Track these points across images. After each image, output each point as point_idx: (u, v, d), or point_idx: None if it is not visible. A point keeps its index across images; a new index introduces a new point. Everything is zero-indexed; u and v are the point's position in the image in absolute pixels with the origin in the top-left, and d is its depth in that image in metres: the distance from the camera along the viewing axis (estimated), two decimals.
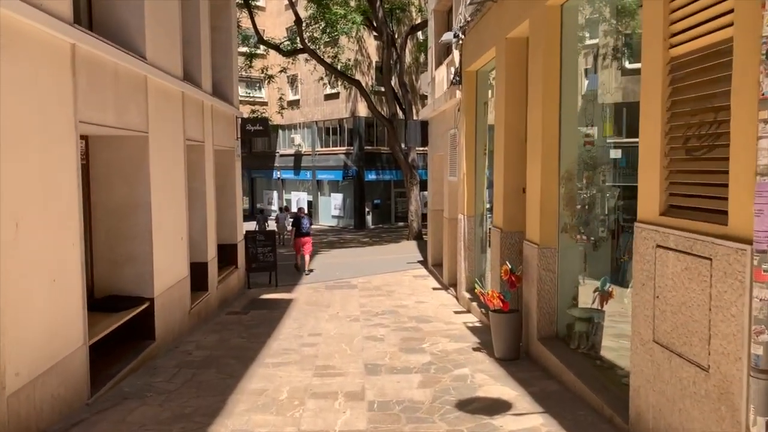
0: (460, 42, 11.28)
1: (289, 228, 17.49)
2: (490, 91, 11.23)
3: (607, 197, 6.83)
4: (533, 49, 7.37)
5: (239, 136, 13.19)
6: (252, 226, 31.83)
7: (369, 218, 33.79)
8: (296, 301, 12.20)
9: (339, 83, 32.52)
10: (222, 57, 12.40)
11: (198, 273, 10.27)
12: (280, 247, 18.79)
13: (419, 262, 17.63)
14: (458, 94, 11.51)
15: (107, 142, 7.65)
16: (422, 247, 21.07)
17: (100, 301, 7.56)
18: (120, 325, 7.11)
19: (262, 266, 13.89)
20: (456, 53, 11.65)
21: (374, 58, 33.10)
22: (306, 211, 18.53)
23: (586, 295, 7.12)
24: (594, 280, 7.00)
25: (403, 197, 35.23)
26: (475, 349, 7.99)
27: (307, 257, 16.18)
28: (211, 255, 10.86)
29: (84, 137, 7.44)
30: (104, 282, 7.80)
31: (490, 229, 11.22)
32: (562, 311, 7.12)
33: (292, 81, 37.23)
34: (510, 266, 7.56)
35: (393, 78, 23.52)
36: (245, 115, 36.36)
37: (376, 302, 11.89)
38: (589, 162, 6.94)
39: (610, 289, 6.78)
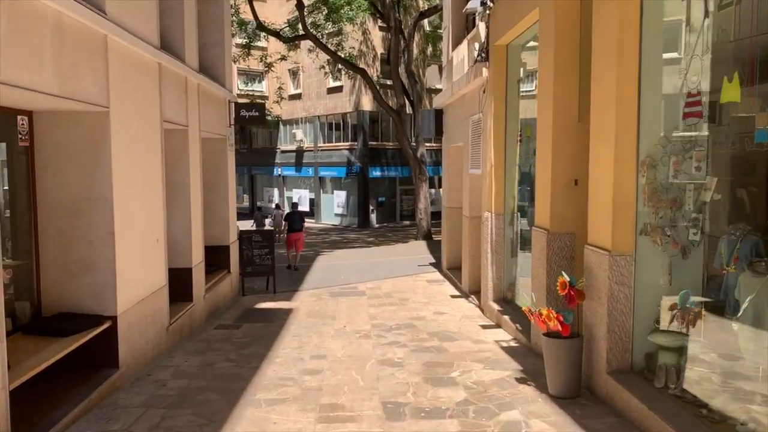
0: (488, 12, 9.59)
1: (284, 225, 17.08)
2: (522, 69, 9.57)
3: (703, 190, 5.12)
4: None
5: (232, 122, 11.52)
6: (250, 225, 30.26)
7: (373, 217, 32.12)
8: (296, 311, 10.53)
9: (343, 73, 30.82)
10: (213, 32, 10.72)
11: (180, 281, 8.60)
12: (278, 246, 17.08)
13: (431, 264, 15.95)
14: (484, 72, 9.82)
15: (56, 118, 5.98)
16: (433, 248, 19.39)
17: (45, 322, 5.90)
18: (73, 351, 5.46)
19: (258, 270, 12.23)
20: (482, 26, 9.96)
21: (379, 49, 31.43)
22: (300, 208, 19.29)
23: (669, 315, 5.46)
24: (672, 296, 5.34)
25: (409, 195, 33.57)
26: (519, 381, 6.32)
27: (298, 254, 15.93)
28: (197, 259, 9.19)
29: (23, 112, 5.76)
30: (53, 296, 6.13)
31: (524, 229, 9.57)
32: (640, 337, 5.44)
33: (294, 74, 35.56)
34: (568, 277, 5.88)
35: (400, 67, 21.81)
36: None
37: (388, 313, 10.22)
38: (690, 141, 5.22)
39: (696, 308, 5.13)
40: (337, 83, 32.45)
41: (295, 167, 35.91)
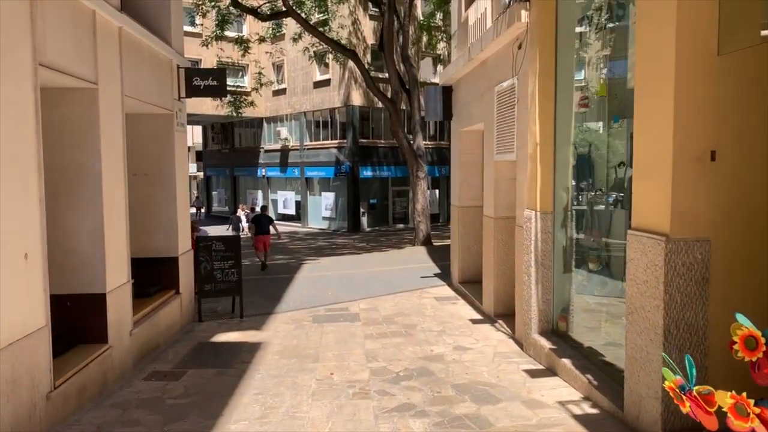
0: None
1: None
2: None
3: None
4: None
5: (183, 94, 8.56)
6: (226, 229, 27.17)
7: (364, 220, 29.18)
8: (267, 346, 7.58)
9: (330, 64, 27.90)
10: None
11: (84, 314, 5.65)
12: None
13: (436, 276, 13.05)
14: (523, 16, 6.96)
15: None
16: (435, 256, 16.48)
17: None
18: None
19: (220, 289, 9.25)
20: None
21: (370, 40, 28.54)
22: (267, 212, 18.14)
23: None
24: None
25: (402, 196, 30.69)
26: None
27: (266, 253, 15.58)
28: (116, 280, 6.21)
29: None
30: None
31: (583, 232, 6.71)
32: None
33: (278, 68, 32.59)
34: (753, 328, 2.99)
35: (395, 53, 18.94)
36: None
37: (391, 349, 7.31)
38: None
39: None
40: (325, 76, 29.52)
41: (280, 168, 32.89)
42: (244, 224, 25.09)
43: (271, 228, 15.81)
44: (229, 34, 26.76)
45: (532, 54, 6.84)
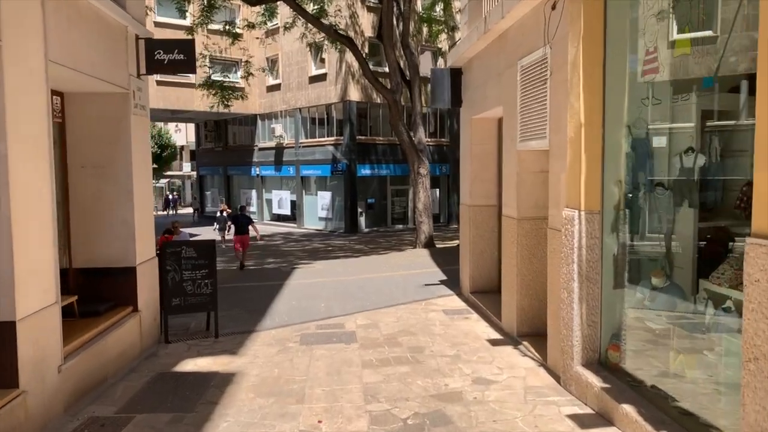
0: None
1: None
2: None
3: None
4: None
5: (144, 70, 7.02)
6: (212, 229, 25.55)
7: (362, 220, 27.65)
8: (241, 379, 6.06)
9: (326, 58, 26.42)
10: None
11: None
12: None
13: (443, 283, 11.53)
14: None
15: None
16: (439, 259, 14.97)
17: None
18: None
19: (191, 304, 7.70)
20: None
21: (368, 33, 27.00)
22: (247, 211, 17.53)
23: None
24: None
25: (401, 196, 29.18)
26: None
27: (245, 253, 15.29)
28: (34, 303, 4.67)
29: None
30: None
31: (640, 236, 5.21)
32: None
33: (273, 63, 31.04)
34: None
35: (393, 44, 17.43)
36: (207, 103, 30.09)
37: (396, 383, 5.79)
38: None
39: None
40: (321, 70, 27.98)
41: (275, 166, 31.33)
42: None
43: (251, 229, 15.44)
44: (216, 27, 25.29)
45: (574, 11, 5.33)
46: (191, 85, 30.00)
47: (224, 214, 22.83)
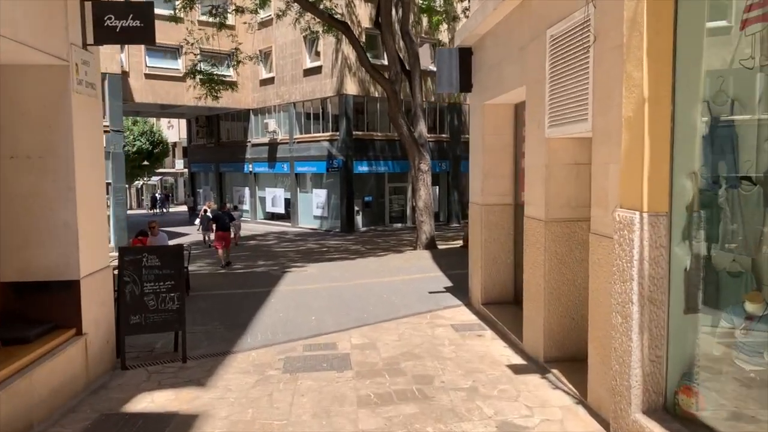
0: None
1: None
2: None
3: None
4: None
5: (91, 39, 5.71)
6: (196, 230, 24.20)
7: (359, 219, 26.36)
8: (204, 423, 4.77)
9: (321, 50, 25.09)
10: None
11: None
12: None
13: (448, 290, 10.27)
14: None
15: None
16: (443, 263, 13.70)
17: None
18: None
19: (153, 323, 6.40)
20: None
21: (365, 23, 25.68)
22: (231, 209, 17.96)
23: None
24: None
25: (399, 194, 27.92)
26: None
27: (227, 251, 15.15)
28: None
29: None
30: None
31: (721, 246, 3.93)
32: None
33: (266, 55, 29.69)
34: None
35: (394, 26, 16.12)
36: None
37: (399, 429, 4.52)
38: None
39: None
40: (316, 63, 26.65)
41: (268, 163, 30.00)
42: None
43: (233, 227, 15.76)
44: (207, 19, 23.96)
45: None
46: (181, 78, 28.67)
47: (208, 213, 21.65)
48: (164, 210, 42.90)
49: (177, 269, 6.53)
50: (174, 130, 46.01)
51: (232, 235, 21.23)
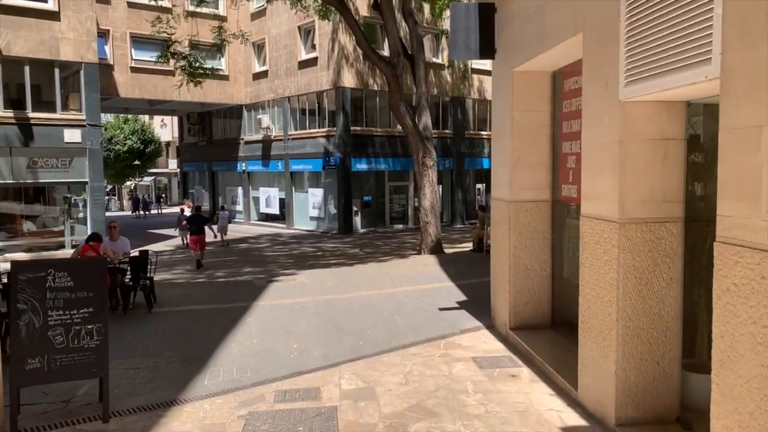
0: None
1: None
2: None
3: None
4: None
5: None
6: (175, 231, 22.24)
7: (357, 220, 24.45)
8: None
9: (317, 41, 23.24)
10: None
11: None
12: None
13: (461, 305, 8.37)
14: None
15: None
16: (452, 270, 11.80)
17: None
18: None
19: (62, 366, 4.52)
20: None
21: (363, 12, 23.78)
22: (202, 211, 16.50)
23: None
24: None
25: (400, 193, 26.02)
26: None
27: (202, 252, 14.50)
28: None
29: None
30: None
31: None
32: None
33: (259, 48, 27.82)
34: None
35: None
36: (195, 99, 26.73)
37: None
38: None
39: None
40: (311, 54, 24.76)
41: (262, 161, 28.09)
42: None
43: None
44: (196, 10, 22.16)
45: None
46: (170, 72, 26.81)
47: (184, 213, 20.02)
48: (147, 213, 39.97)
49: (97, 291, 4.64)
50: (167, 129, 44.09)
51: (219, 237, 20.02)
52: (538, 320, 6.40)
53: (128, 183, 44.96)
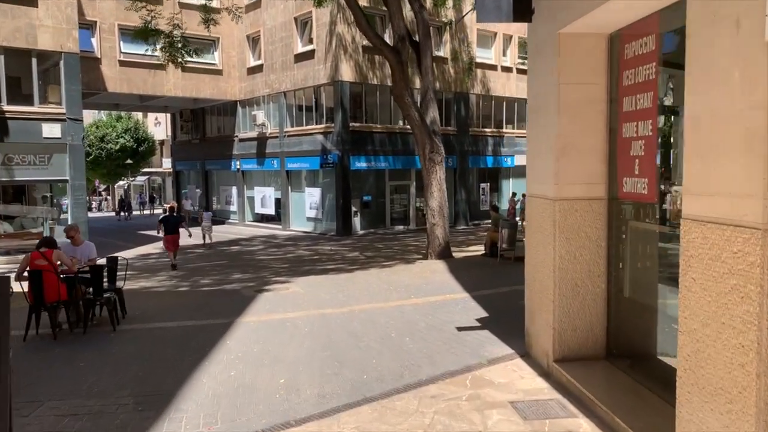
0: None
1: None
2: None
3: None
4: None
5: None
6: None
7: (357, 221, 23.06)
8: None
9: (315, 32, 21.81)
10: None
11: None
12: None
13: (482, 323, 6.98)
14: None
15: None
16: (464, 278, 10.40)
17: None
18: None
19: None
20: None
21: (363, 2, 22.32)
22: (175, 211, 15.77)
23: None
24: None
25: (401, 193, 24.65)
26: None
27: (175, 252, 14.15)
28: None
29: None
30: None
31: None
32: None
33: (254, 41, 26.40)
34: None
35: None
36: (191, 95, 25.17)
37: None
38: None
39: None
40: (308, 47, 23.35)
41: (257, 159, 26.66)
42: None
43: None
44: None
45: None
46: (160, 66, 25.38)
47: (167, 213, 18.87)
48: (130, 214, 36.25)
49: None
50: (161, 127, 42.56)
51: (203, 239, 19.11)
52: (590, 350, 5.01)
53: (121, 183, 43.45)
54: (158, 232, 19.48)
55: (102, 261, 8.51)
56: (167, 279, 12.43)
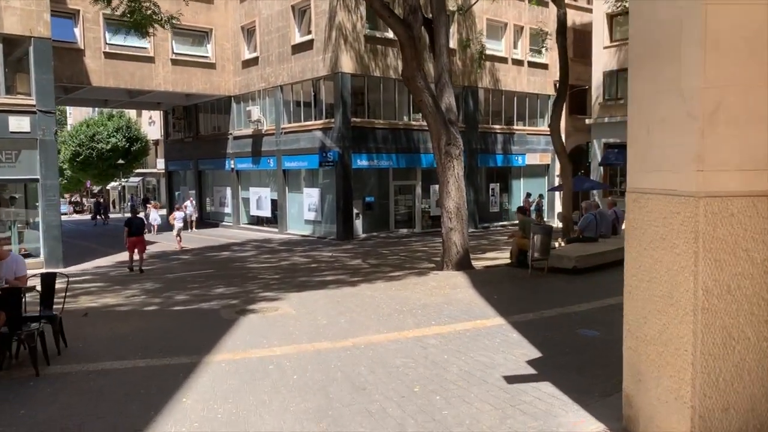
0: None
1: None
2: None
3: None
4: None
5: None
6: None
7: (358, 223, 21.05)
8: None
9: (313, 21, 19.84)
10: None
11: None
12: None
13: (534, 365, 4.99)
14: None
15: None
16: (494, 296, 8.38)
17: None
18: None
19: None
20: None
21: None
22: (138, 213, 15.66)
23: None
24: None
25: (406, 193, 22.66)
26: None
27: (138, 256, 13.86)
28: None
29: None
30: None
31: None
32: None
33: (250, 33, 24.43)
34: None
35: None
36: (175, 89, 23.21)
37: None
38: None
39: None
40: (306, 37, 21.38)
41: (252, 158, 24.67)
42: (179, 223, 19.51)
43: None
44: None
45: None
46: (150, 59, 23.43)
47: (151, 215, 17.66)
48: (105, 218, 32.96)
49: None
50: (155, 127, 40.57)
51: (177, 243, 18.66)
52: (751, 429, 3.02)
53: (113, 183, 41.46)
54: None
55: (35, 279, 6.53)
56: (138, 293, 10.45)
